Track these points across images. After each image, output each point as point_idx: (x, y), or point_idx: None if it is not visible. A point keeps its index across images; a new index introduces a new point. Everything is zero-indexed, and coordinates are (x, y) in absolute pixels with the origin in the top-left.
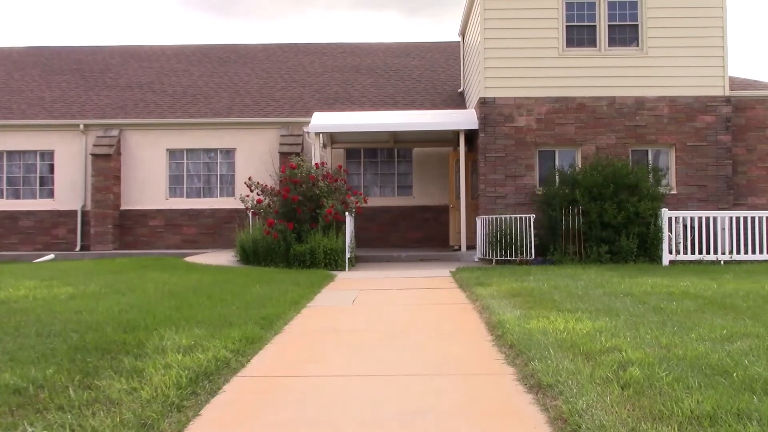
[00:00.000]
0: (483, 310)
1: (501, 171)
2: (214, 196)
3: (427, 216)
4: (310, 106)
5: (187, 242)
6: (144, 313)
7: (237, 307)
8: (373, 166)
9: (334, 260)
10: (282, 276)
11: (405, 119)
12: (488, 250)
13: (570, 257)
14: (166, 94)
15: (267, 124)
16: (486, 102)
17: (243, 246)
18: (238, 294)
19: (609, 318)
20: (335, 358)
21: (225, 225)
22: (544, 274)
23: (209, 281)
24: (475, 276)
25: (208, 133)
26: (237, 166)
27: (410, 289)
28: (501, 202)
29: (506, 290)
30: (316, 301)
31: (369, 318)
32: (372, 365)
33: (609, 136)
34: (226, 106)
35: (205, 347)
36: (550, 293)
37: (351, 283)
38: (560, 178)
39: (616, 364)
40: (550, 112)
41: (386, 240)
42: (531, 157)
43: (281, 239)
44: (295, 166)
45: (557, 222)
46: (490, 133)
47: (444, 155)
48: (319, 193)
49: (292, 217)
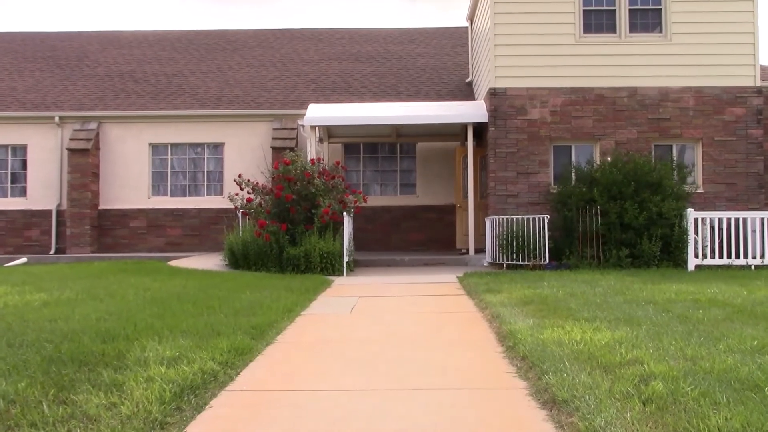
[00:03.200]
0: (493, 319)
1: (512, 168)
2: (200, 195)
3: (431, 216)
4: (305, 97)
5: (171, 245)
6: (124, 321)
7: (225, 315)
8: (374, 162)
9: (331, 264)
10: (274, 281)
11: (408, 111)
12: (498, 253)
13: (587, 261)
14: (148, 83)
15: (258, 117)
16: (496, 93)
17: (232, 249)
18: (227, 301)
19: (630, 328)
20: (332, 371)
21: (212, 226)
22: (559, 280)
23: (195, 287)
24: (484, 282)
25: (195, 126)
26: (226, 162)
27: (413, 296)
28: (512, 202)
29: (518, 297)
30: (312, 308)
31: (369, 327)
32: (372, 378)
33: (630, 130)
34: (214, 97)
35: (191, 359)
36: (565, 301)
37: (349, 289)
38: (577, 176)
39: (637, 377)
40: (565, 104)
41: (387, 242)
42: (545, 153)
43: (273, 241)
44: (289, 162)
45: (573, 223)
46: (500, 127)
47: (450, 151)
48: (314, 192)
49: (286, 217)
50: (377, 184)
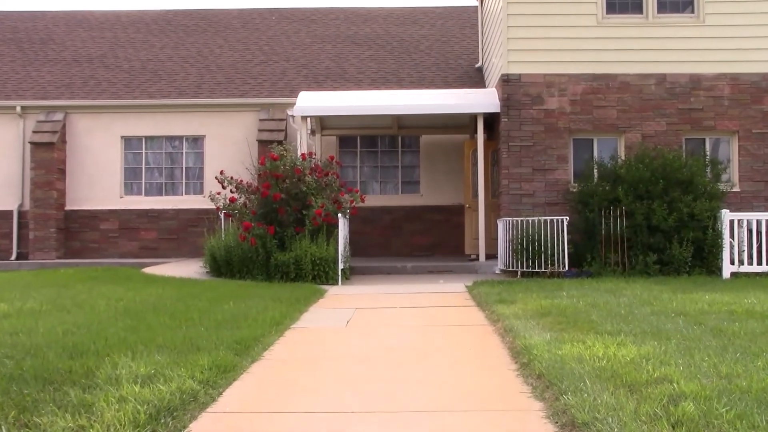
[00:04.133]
0: (505, 333)
1: (527, 163)
2: (178, 194)
3: (437, 218)
4: (295, 84)
5: (146, 249)
6: (94, 335)
7: (206, 329)
8: (372, 157)
9: (325, 272)
10: (261, 291)
11: (411, 100)
12: (512, 259)
13: (611, 268)
14: (121, 69)
15: (243, 107)
16: (509, 80)
17: (213, 254)
18: (208, 312)
19: (658, 342)
20: (325, 391)
21: (191, 229)
22: (579, 289)
23: (172, 297)
24: (497, 291)
25: (172, 117)
26: (206, 157)
27: (417, 307)
28: (527, 202)
29: (534, 309)
30: (303, 321)
31: (367, 342)
32: (370, 400)
33: (658, 122)
34: (193, 84)
35: (168, 377)
36: (586, 312)
37: (345, 299)
38: (599, 172)
39: (665, 397)
40: (587, 93)
41: (387, 247)
42: (564, 147)
43: (260, 246)
44: (278, 157)
45: (595, 225)
46: (514, 118)
47: (458, 144)
48: (306, 190)
49: (274, 219)
50: (376, 181)
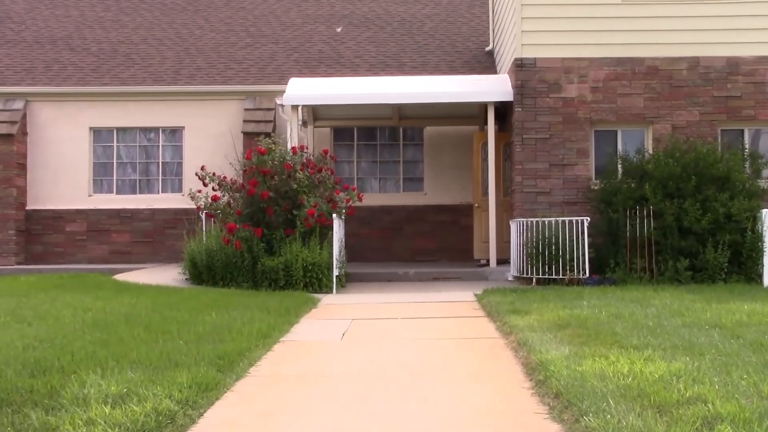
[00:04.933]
0: (519, 347)
1: (544, 158)
2: (154, 192)
3: (443, 219)
4: (285, 69)
5: (118, 254)
6: (58, 350)
7: (185, 342)
8: (371, 151)
9: (318, 279)
10: (247, 300)
11: (414, 87)
12: (526, 265)
13: (636, 275)
14: (89, 52)
15: (226, 95)
16: (524, 65)
17: (193, 259)
18: (187, 324)
19: (690, 358)
20: (318, 413)
21: (169, 231)
22: (601, 298)
23: (147, 307)
24: (509, 301)
25: (147, 106)
26: (186, 151)
27: (420, 318)
28: (543, 200)
29: (551, 320)
30: (293, 334)
31: (364, 358)
32: (368, 422)
33: (690, 111)
34: (171, 69)
35: (142, 396)
36: (609, 324)
37: (340, 309)
38: (624, 168)
39: (699, 420)
40: (610, 79)
41: (387, 251)
42: (584, 140)
43: (245, 250)
44: (265, 151)
45: (619, 227)
46: (529, 107)
47: (467, 137)
48: (297, 188)
49: (261, 220)
50: (375, 178)
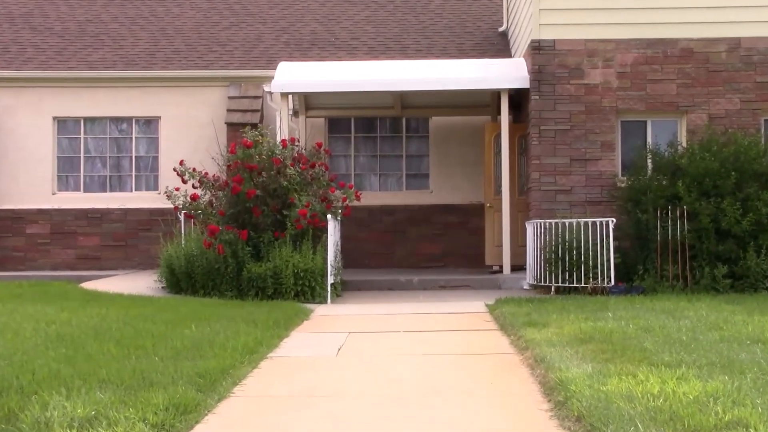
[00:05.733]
0: (536, 364)
1: (564, 152)
2: (126, 190)
3: (451, 220)
4: (273, 52)
5: (86, 259)
6: (17, 368)
7: (162, 359)
8: (370, 144)
9: (310, 287)
10: (231, 311)
11: (418, 73)
12: (544, 272)
13: (668, 283)
14: (52, 32)
15: (208, 81)
16: (542, 47)
17: (171, 265)
18: (163, 338)
19: (729, 376)
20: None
21: (143, 233)
22: (629, 309)
23: (119, 319)
24: (525, 312)
25: (119, 93)
26: (162, 144)
27: (425, 331)
28: (563, 200)
29: (572, 334)
30: (283, 349)
31: (363, 375)
32: None
33: (729, 99)
34: (145, 52)
35: (113, 419)
36: (638, 338)
37: (335, 321)
38: (654, 163)
39: None
40: (638, 63)
41: (389, 256)
42: (609, 131)
43: (229, 255)
44: (252, 143)
45: (649, 229)
46: (547, 95)
47: (477, 128)
48: (287, 186)
49: (247, 221)
50: (375, 174)
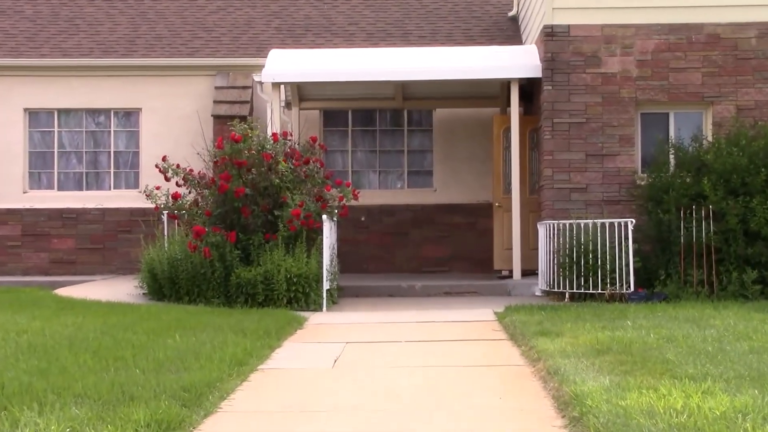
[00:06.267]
0: (549, 377)
1: (579, 147)
2: (104, 188)
3: (456, 221)
4: (264, 39)
5: (60, 264)
6: None
7: (143, 371)
8: (369, 138)
9: (304, 293)
10: (218, 319)
11: (421, 61)
12: (558, 277)
13: (692, 289)
14: (22, 16)
15: (193, 69)
16: (555, 33)
17: (153, 270)
18: (145, 349)
19: (759, 390)
20: None
21: (123, 235)
22: (649, 318)
23: (96, 328)
24: (537, 320)
25: (95, 83)
26: (143, 139)
27: (429, 341)
28: (578, 199)
29: (587, 344)
30: (275, 360)
31: (361, 389)
32: None
33: (760, 89)
34: (124, 38)
35: None
36: (659, 349)
37: (331, 330)
38: (677, 159)
39: None
40: (660, 49)
41: (389, 260)
42: (628, 124)
43: (216, 259)
44: (241, 138)
45: (671, 231)
46: (561, 85)
47: (485, 121)
48: (279, 184)
49: (235, 222)
50: (374, 171)
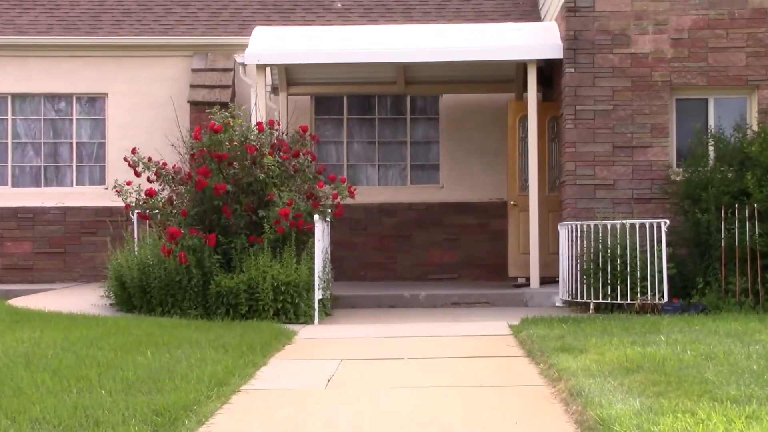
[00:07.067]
0: (572, 399)
1: (605, 137)
2: (65, 184)
3: (466, 222)
4: (247, 15)
5: (15, 270)
6: None
7: (110, 393)
8: (366, 128)
9: (293, 304)
10: (195, 333)
11: (426, 41)
12: (581, 285)
13: (735, 299)
14: None
15: (167, 49)
16: (578, 9)
17: (121, 277)
18: (112, 367)
19: None
20: None
21: (87, 237)
22: (685, 332)
23: (56, 343)
24: (557, 334)
25: (55, 64)
26: (110, 128)
27: (434, 358)
28: (605, 196)
29: (615, 361)
30: (260, 380)
31: (358, 412)
32: None
33: None
34: (88, 13)
35: None
36: (697, 367)
37: (324, 346)
38: (717, 151)
39: None
40: (699, 27)
41: (389, 267)
42: (662, 112)
43: (194, 265)
44: (221, 127)
45: (711, 233)
46: (585, 67)
47: (498, 109)
48: (264, 179)
49: (215, 223)
50: (372, 166)
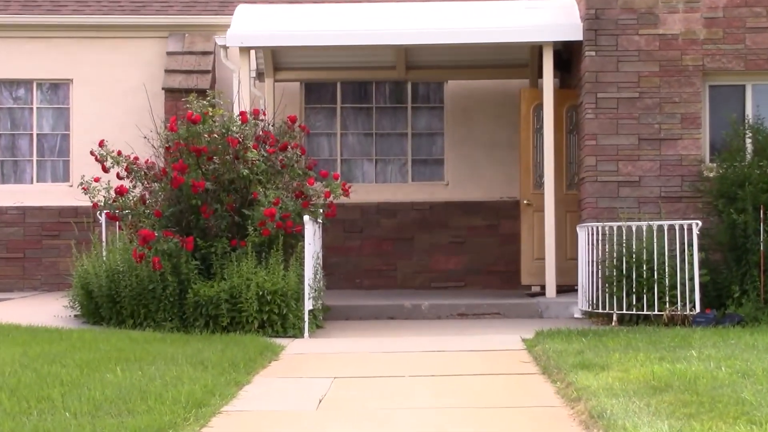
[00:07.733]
0: (592, 421)
1: (630, 128)
2: (24, 181)
3: (474, 223)
4: None
5: None
6: None
7: (75, 415)
8: (363, 118)
9: (281, 315)
10: (171, 348)
11: (430, 20)
12: (602, 294)
13: None
14: None
15: (139, 30)
16: None
17: (87, 285)
18: (77, 386)
19: None
20: None
21: (49, 241)
22: (719, 346)
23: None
24: (576, 349)
25: (12, 46)
26: (75, 118)
27: (439, 376)
28: (629, 195)
29: (641, 379)
30: (243, 400)
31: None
32: None
33: None
34: None
35: None
36: (733, 386)
37: (315, 362)
38: (756, 144)
39: None
40: (734, 5)
41: (389, 273)
42: (694, 100)
43: (169, 271)
44: (200, 117)
45: (748, 236)
46: (607, 50)
47: (510, 97)
48: (248, 176)
49: (193, 224)
50: (369, 160)
